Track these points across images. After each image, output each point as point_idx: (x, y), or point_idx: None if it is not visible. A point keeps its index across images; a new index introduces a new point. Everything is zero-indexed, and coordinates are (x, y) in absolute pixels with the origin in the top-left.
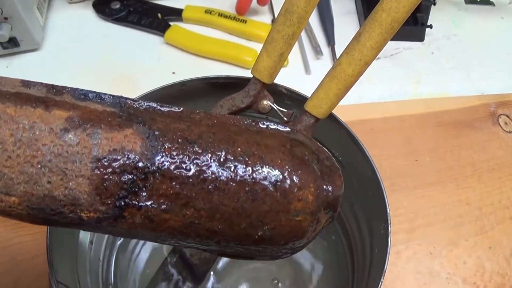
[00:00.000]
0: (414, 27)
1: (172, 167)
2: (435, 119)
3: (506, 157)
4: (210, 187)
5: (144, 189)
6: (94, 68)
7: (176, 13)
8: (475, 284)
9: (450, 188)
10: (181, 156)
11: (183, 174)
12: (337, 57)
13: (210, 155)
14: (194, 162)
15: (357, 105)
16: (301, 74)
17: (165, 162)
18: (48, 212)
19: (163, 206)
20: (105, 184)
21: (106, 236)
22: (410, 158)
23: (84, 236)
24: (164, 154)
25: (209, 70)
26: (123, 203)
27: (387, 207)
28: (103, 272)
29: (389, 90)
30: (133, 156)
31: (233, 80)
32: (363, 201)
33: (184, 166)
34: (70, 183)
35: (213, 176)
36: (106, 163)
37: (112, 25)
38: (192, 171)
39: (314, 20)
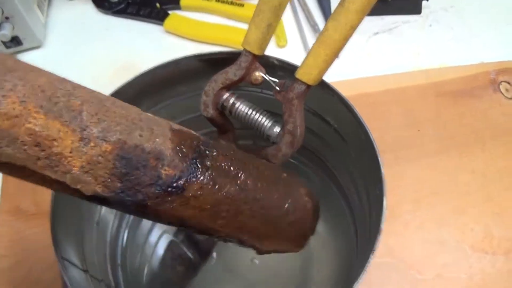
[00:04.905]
0: (410, 0)
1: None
2: (435, 89)
3: (509, 124)
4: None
5: (207, 155)
6: (96, 61)
7: (174, 2)
8: (483, 251)
9: (454, 157)
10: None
11: (233, 156)
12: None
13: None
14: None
15: (357, 79)
16: (301, 53)
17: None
18: (133, 163)
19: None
20: (182, 144)
21: (113, 217)
22: (412, 129)
23: (90, 217)
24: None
25: None
26: (196, 162)
27: (381, 167)
28: (111, 252)
29: (389, 64)
30: (194, 135)
31: (226, 55)
32: (360, 167)
33: (231, 153)
34: (157, 139)
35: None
36: (179, 133)
37: (112, 18)
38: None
39: None
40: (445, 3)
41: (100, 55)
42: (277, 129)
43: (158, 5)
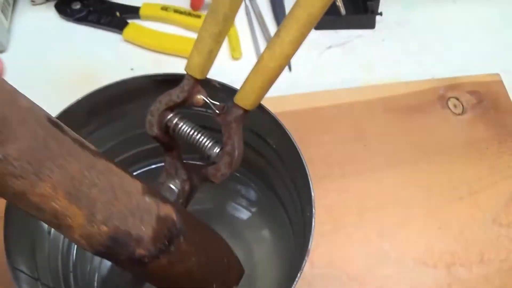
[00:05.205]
0: (364, 15)
1: (189, 235)
2: (384, 104)
3: (455, 139)
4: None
5: (174, 243)
6: (57, 68)
7: (133, 11)
8: (425, 264)
9: (399, 171)
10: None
11: (195, 240)
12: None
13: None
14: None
15: (308, 93)
16: None
17: (186, 232)
18: (119, 243)
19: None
20: (160, 233)
21: None
22: (359, 143)
23: (42, 225)
24: (186, 226)
25: (165, 64)
26: (163, 248)
27: (312, 191)
28: (63, 261)
29: (341, 78)
30: (173, 220)
31: (170, 77)
32: (296, 187)
33: (194, 237)
34: (142, 227)
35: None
36: (162, 221)
37: (73, 25)
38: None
39: (266, 10)
40: (399, 18)
41: (61, 62)
42: (216, 150)
43: (118, 14)
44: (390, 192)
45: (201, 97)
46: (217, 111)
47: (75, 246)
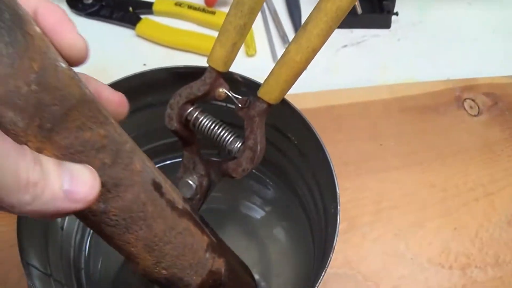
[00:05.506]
0: (380, 14)
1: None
2: (399, 104)
3: (471, 141)
4: None
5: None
6: None
7: (146, 6)
8: (440, 265)
9: (414, 172)
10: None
11: None
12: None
13: None
14: None
15: (323, 91)
16: (269, 63)
17: (227, 283)
18: (170, 283)
19: None
20: (205, 283)
21: (77, 222)
22: (375, 142)
23: (55, 222)
24: (229, 278)
25: (178, 61)
26: None
27: (337, 187)
28: (75, 257)
29: (356, 77)
30: (221, 274)
31: (192, 70)
32: (318, 184)
33: None
34: (194, 277)
35: None
36: (212, 274)
37: (85, 19)
38: None
39: (281, 8)
40: (415, 19)
41: None
42: (238, 144)
43: (131, 9)
44: (406, 192)
45: (223, 91)
46: (240, 105)
47: (88, 242)
